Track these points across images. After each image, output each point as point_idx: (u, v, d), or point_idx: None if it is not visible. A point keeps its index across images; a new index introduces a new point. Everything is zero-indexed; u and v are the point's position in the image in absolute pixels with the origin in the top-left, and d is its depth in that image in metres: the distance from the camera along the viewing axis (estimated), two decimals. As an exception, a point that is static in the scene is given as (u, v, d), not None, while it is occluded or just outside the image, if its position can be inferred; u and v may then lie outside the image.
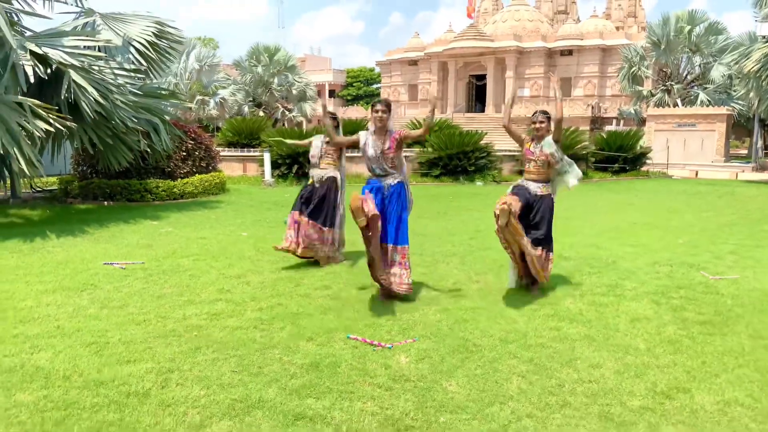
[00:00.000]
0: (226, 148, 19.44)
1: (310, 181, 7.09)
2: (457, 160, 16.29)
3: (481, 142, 17.04)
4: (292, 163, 15.72)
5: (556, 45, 45.47)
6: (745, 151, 41.42)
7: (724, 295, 5.68)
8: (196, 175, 12.74)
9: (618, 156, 19.43)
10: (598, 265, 6.92)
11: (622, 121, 36.72)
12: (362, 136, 5.71)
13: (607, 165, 19.46)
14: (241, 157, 17.34)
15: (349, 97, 72.65)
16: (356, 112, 50.59)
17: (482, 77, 46.87)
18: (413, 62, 51.29)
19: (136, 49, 11.45)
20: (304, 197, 6.96)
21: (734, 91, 32.54)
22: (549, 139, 5.69)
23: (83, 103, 8.95)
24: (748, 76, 19.21)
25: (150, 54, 11.60)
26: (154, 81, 11.95)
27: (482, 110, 45.82)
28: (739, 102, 30.91)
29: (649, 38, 34.99)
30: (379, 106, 5.53)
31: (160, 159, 11.66)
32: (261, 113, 41.71)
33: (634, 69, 35.01)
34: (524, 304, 5.36)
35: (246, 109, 42.78)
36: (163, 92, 11.41)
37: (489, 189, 15.81)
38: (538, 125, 5.71)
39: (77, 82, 8.82)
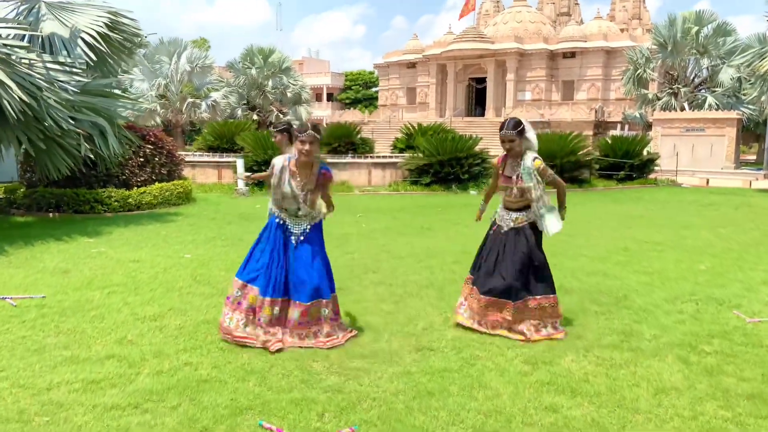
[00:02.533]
0: (205, 153, 18.17)
1: None
2: (449, 167, 14.98)
3: (476, 147, 15.75)
4: (269, 170, 14.40)
5: (558, 47, 44.19)
6: (754, 157, 40.08)
7: (770, 348, 4.37)
8: (156, 183, 11.44)
9: (624, 163, 18.10)
10: (606, 301, 5.61)
11: (627, 126, 35.39)
12: (277, 164, 4.42)
13: (612, 172, 18.14)
14: (216, 162, 16.03)
15: (347, 101, 71.42)
16: (353, 115, 49.31)
17: (482, 80, 45.61)
18: (412, 65, 50.05)
19: (86, 42, 10.18)
20: None
21: (744, 94, 31.28)
22: (530, 164, 4.42)
23: (5, 102, 7.67)
24: (762, 77, 17.90)
25: (101, 47, 10.34)
26: (109, 79, 10.65)
27: (482, 114, 44.57)
28: (749, 106, 29.62)
29: (655, 39, 33.70)
30: (305, 137, 4.22)
31: (111, 166, 10.37)
32: (255, 117, 40.54)
33: (639, 71, 33.72)
34: (510, 363, 4.07)
35: (239, 112, 41.56)
36: (112, 91, 10.10)
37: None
38: (507, 144, 4.48)
39: (-5, 76, 7.55)
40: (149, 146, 11.44)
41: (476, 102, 47.01)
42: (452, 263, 7.16)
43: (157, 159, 11.63)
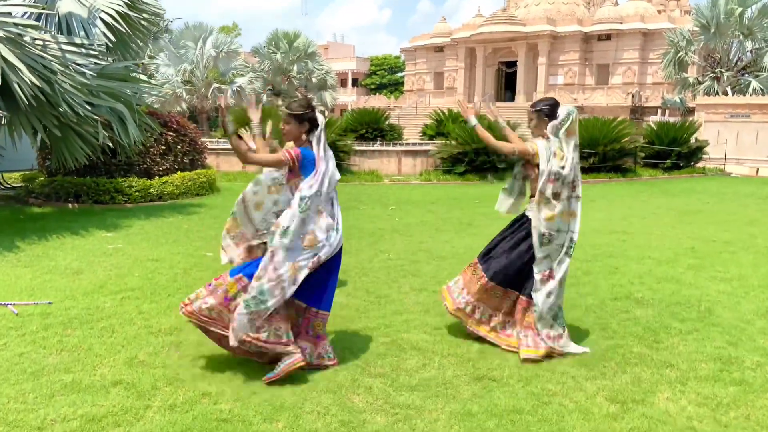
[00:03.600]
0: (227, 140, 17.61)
1: None
2: (485, 155, 14.15)
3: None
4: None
5: (592, 29, 42.62)
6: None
7: None
8: (178, 172, 10.86)
9: (671, 150, 17.05)
10: (689, 316, 4.84)
11: (667, 111, 33.96)
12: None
13: (657, 161, 17.11)
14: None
15: (372, 86, 70.52)
16: (378, 101, 48.47)
17: (512, 64, 44.29)
18: (439, 48, 48.84)
19: (104, 22, 9.60)
20: None
21: (791, 78, 29.75)
22: (543, 144, 4.00)
23: (15, 85, 7.12)
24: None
25: (121, 28, 9.74)
26: (128, 62, 10.07)
27: (512, 99, 43.30)
28: (798, 90, 28.11)
29: (697, 21, 32.16)
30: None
31: (131, 154, 9.81)
32: (279, 102, 40.02)
33: (680, 54, 32.24)
34: (592, 402, 3.35)
35: (264, 97, 41.17)
36: (132, 75, 9.50)
37: (522, 189, 13.58)
38: (530, 124, 4.17)
39: (5, 57, 6.99)
40: (171, 133, 10.86)
41: (506, 87, 45.73)
42: (501, 265, 6.42)
43: (179, 147, 11.04)
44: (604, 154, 14.79)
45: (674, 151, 17.09)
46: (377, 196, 12.52)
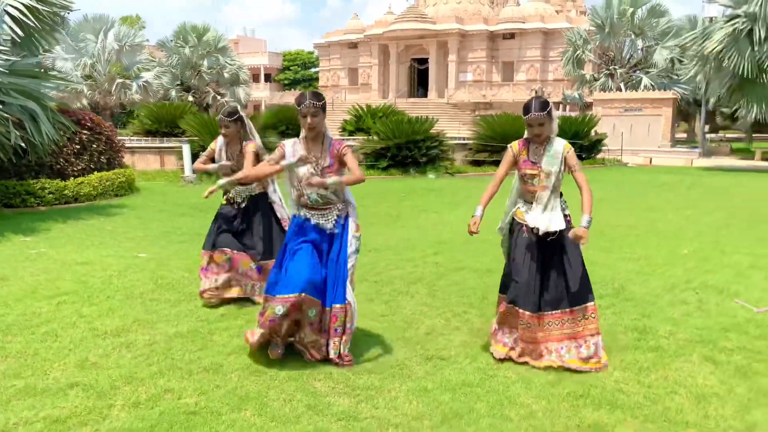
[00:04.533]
0: (143, 138, 17.01)
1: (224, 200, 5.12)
2: (407, 150, 14.55)
3: (432, 129, 15.37)
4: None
5: (498, 28, 44.37)
6: (684, 135, 41.68)
7: (791, 343, 4.19)
8: (95, 172, 10.45)
9: (574, 143, 18.18)
10: (605, 293, 5.36)
11: (567, 106, 35.96)
12: (287, 147, 3.87)
13: (562, 153, 18.20)
14: (158, 148, 14.97)
15: (286, 82, 69.70)
16: (294, 97, 48.08)
17: (424, 61, 45.33)
18: (353, 45, 49.14)
19: (12, 17, 9.09)
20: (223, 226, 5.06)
21: (676, 75, 32.30)
22: (561, 148, 3.85)
23: None
24: (703, 58, 18.30)
25: (29, 22, 9.27)
26: (37, 57, 9.59)
27: (425, 95, 44.36)
28: (683, 86, 30.57)
29: (592, 21, 34.25)
30: (305, 106, 3.70)
31: (43, 154, 9.35)
32: (190, 98, 38.85)
33: (578, 53, 34.22)
34: (533, 373, 3.71)
35: (173, 93, 39.74)
36: (40, 71, 9.06)
37: (443, 183, 14.15)
38: (537, 129, 3.79)
39: None
40: (85, 132, 10.41)
41: (418, 83, 46.71)
42: (433, 255, 6.78)
43: (95, 146, 10.61)
44: (515, 147, 15.57)
45: (577, 144, 18.23)
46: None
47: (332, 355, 3.81)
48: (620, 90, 32.34)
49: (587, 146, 18.71)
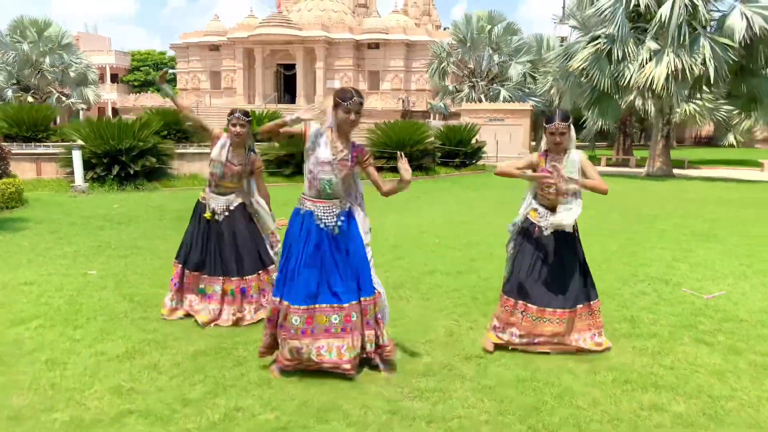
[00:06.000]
0: (19, 144, 15.20)
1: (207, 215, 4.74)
2: (312, 157, 14.46)
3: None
4: (112, 163, 12.46)
5: (363, 38, 45.35)
6: (534, 143, 45.50)
7: (749, 322, 4.91)
8: (-20, 182, 9.22)
9: (458, 150, 19.25)
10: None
11: (436, 116, 37.78)
12: (312, 128, 3.81)
13: (448, 160, 19.18)
14: (35, 155, 13.42)
15: (136, 83, 65.51)
16: (150, 99, 45.37)
17: (291, 66, 45.03)
18: (215, 47, 47.43)
19: None
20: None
21: (528, 88, 35.32)
22: (577, 158, 4.11)
23: None
24: (565, 74, 20.26)
25: None
26: None
27: (292, 101, 44.01)
28: (536, 98, 33.46)
29: (455, 35, 36.35)
30: (352, 103, 3.67)
31: None
32: (30, 98, 35.17)
33: (443, 64, 36.10)
34: (565, 365, 4.01)
35: (9, 93, 35.82)
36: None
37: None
38: (559, 138, 4.08)
39: None
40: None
41: (285, 89, 46.28)
42: (397, 260, 6.92)
43: (-22, 152, 9.35)
44: (411, 154, 16.16)
45: (461, 151, 19.34)
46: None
47: (369, 348, 3.81)
48: (481, 101, 34.62)
49: (470, 153, 19.86)
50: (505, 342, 4.21)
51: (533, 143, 36.05)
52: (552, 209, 4.26)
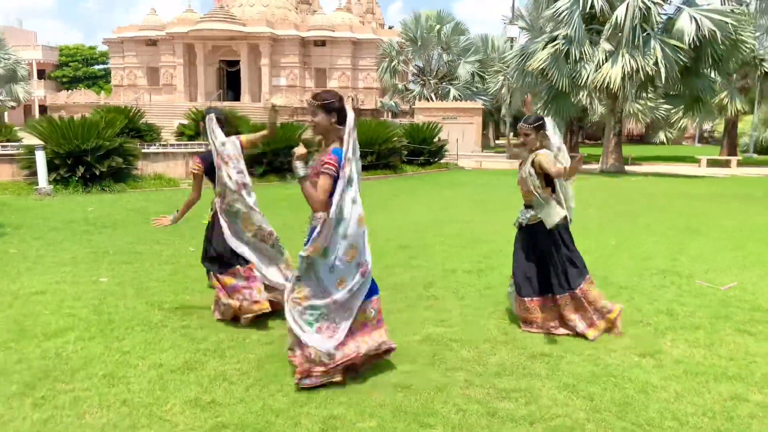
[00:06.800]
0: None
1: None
2: (284, 156, 14.18)
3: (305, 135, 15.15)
4: (76, 163, 11.74)
5: (309, 35, 44.88)
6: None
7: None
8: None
9: (423, 149, 19.35)
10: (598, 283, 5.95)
11: (390, 114, 37.90)
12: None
13: (413, 158, 19.24)
14: (-15, 156, 12.48)
15: (65, 79, 62.50)
16: (85, 96, 43.36)
17: (235, 63, 44.03)
18: (152, 42, 45.77)
19: None
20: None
21: (476, 87, 35.95)
22: (533, 156, 4.36)
23: None
24: (522, 74, 20.70)
25: None
26: None
27: (236, 98, 43.05)
28: (483, 97, 34.10)
29: (404, 34, 36.53)
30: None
31: None
32: None
33: (394, 63, 36.22)
34: (630, 359, 4.07)
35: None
36: None
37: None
38: (522, 138, 4.43)
39: None
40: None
41: (228, 86, 45.20)
42: (411, 259, 6.86)
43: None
44: (379, 152, 16.12)
45: (425, 149, 19.45)
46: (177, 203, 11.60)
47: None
48: (432, 99, 34.97)
49: (434, 151, 19.99)
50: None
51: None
52: (528, 206, 4.59)
